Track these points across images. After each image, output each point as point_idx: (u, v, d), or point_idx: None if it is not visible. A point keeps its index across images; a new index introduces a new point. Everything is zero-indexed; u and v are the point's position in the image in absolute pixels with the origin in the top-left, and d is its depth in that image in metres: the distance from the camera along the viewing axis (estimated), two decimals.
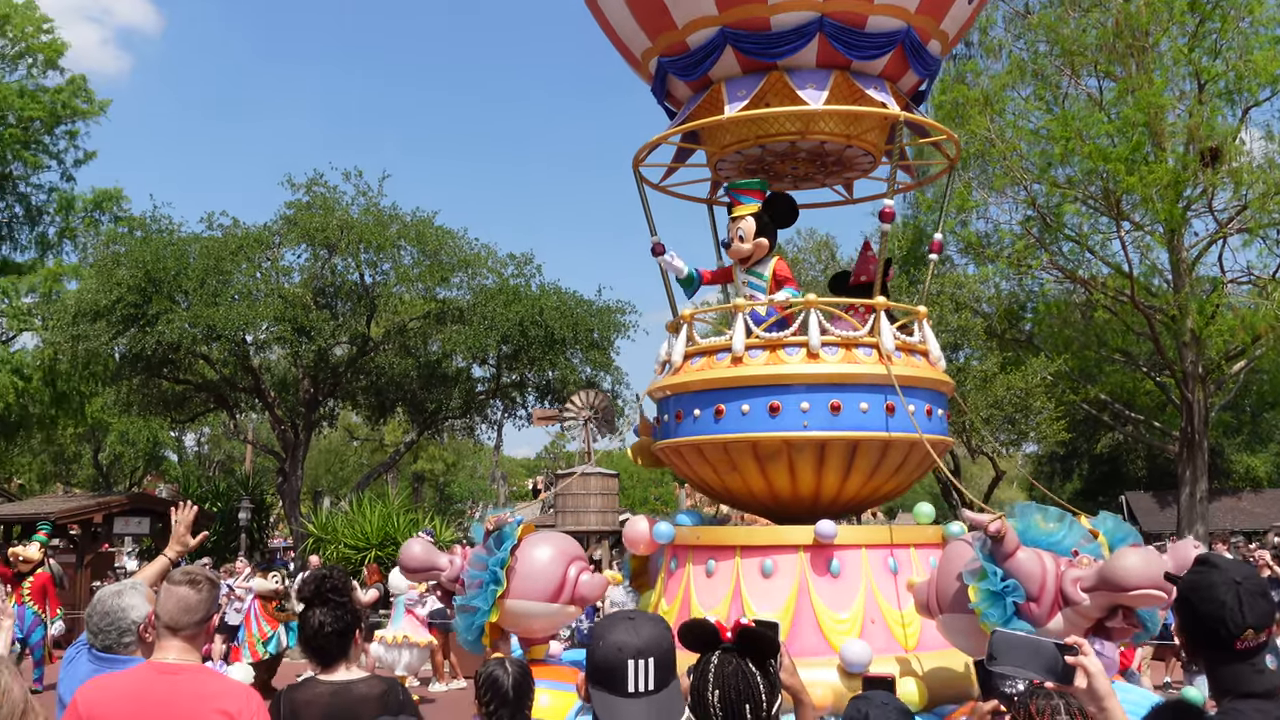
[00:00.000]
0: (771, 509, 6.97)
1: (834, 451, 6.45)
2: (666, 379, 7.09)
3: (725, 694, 2.84)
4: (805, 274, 30.11)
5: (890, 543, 6.48)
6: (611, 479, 30.48)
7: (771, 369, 6.55)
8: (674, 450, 7.01)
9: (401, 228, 30.83)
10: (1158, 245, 26.89)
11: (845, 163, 7.40)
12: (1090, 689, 2.57)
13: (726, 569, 6.53)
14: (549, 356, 31.59)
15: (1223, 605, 2.62)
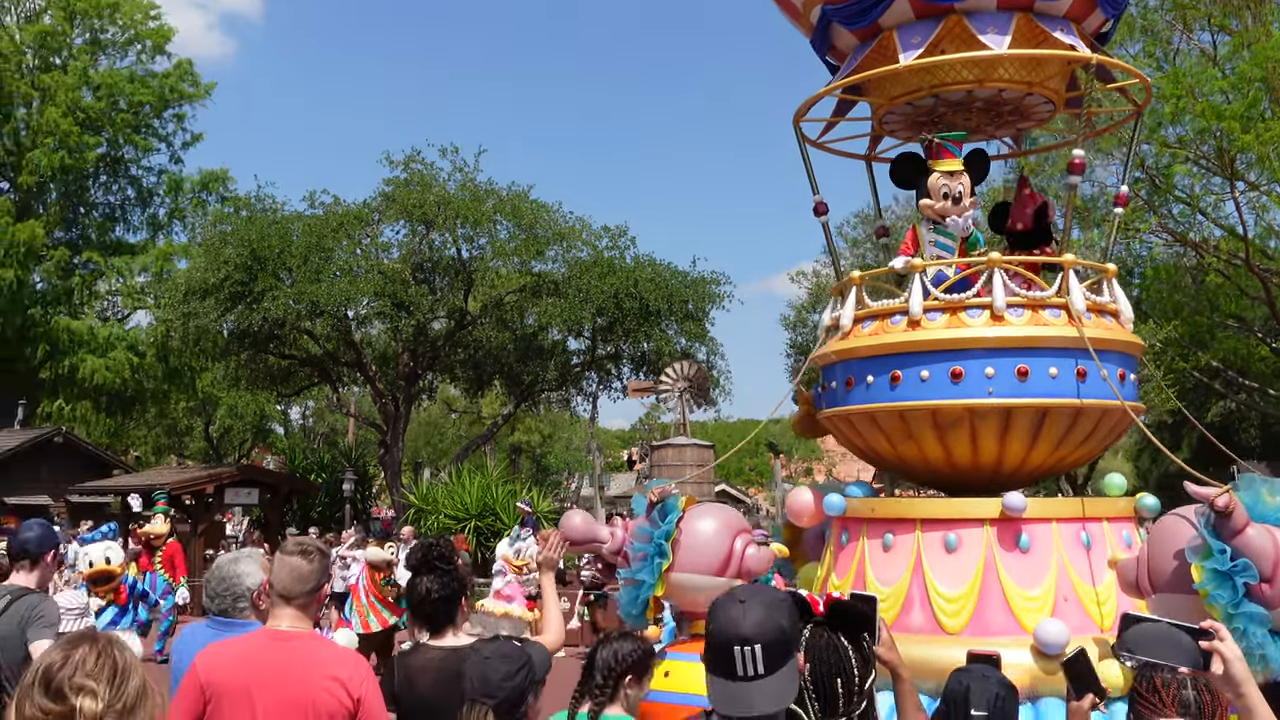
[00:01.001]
0: (947, 479, 6.54)
1: (1020, 419, 5.99)
2: (835, 344, 6.68)
3: (816, 667, 2.81)
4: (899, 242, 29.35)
5: (1082, 516, 6.02)
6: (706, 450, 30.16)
7: (953, 332, 6.10)
8: (843, 419, 6.60)
9: (497, 202, 30.73)
10: (1275, 206, 25.75)
11: (1022, 112, 6.88)
12: (1227, 675, 2.47)
13: (906, 543, 6.12)
14: (643, 328, 31.33)
15: None
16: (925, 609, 5.97)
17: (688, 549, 6.39)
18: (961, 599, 5.88)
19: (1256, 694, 2.46)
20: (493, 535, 25.39)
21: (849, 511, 6.44)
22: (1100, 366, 5.95)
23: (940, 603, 5.92)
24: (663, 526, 6.41)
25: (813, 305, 30.66)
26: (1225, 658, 2.51)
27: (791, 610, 2.78)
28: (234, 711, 3.68)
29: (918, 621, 5.98)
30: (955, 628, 5.87)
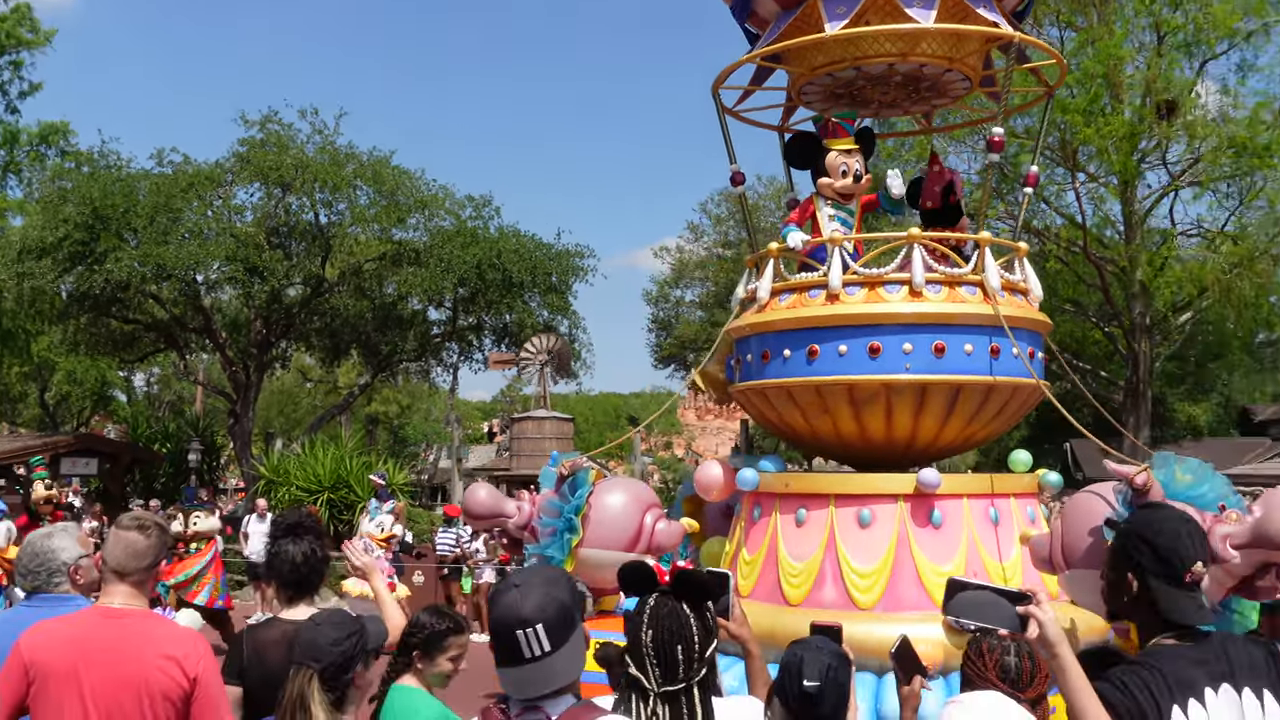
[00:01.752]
0: (859, 455, 6.48)
1: (935, 396, 5.97)
2: (751, 317, 6.54)
3: (658, 634, 2.83)
4: (765, 219, 29.63)
5: (991, 492, 6.04)
6: (567, 423, 30.02)
7: (872, 307, 6.03)
8: (757, 392, 6.48)
9: (358, 167, 29.79)
10: (1111, 197, 26.84)
11: (939, 88, 6.85)
12: (1042, 637, 2.57)
13: (819, 518, 6.05)
14: (506, 300, 30.88)
15: (1178, 538, 2.79)
16: (838, 584, 5.91)
17: (597, 524, 6.22)
18: (874, 574, 5.84)
19: (1070, 655, 2.54)
20: (346, 508, 24.73)
21: (762, 486, 6.34)
22: (1014, 344, 5.97)
23: (853, 578, 5.87)
24: (573, 501, 6.22)
25: (675, 281, 30.77)
26: (1040, 621, 2.59)
27: (570, 584, 2.91)
28: (60, 692, 3.52)
29: (830, 597, 5.92)
30: (868, 603, 5.83)
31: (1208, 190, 25.73)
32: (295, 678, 3.44)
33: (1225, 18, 23.84)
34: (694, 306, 30.62)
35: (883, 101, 6.96)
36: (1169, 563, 2.79)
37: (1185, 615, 2.79)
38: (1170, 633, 2.78)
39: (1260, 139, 24.04)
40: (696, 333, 29.48)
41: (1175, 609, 2.78)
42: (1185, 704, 2.62)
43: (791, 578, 6.02)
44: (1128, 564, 2.87)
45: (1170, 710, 2.60)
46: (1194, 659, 2.70)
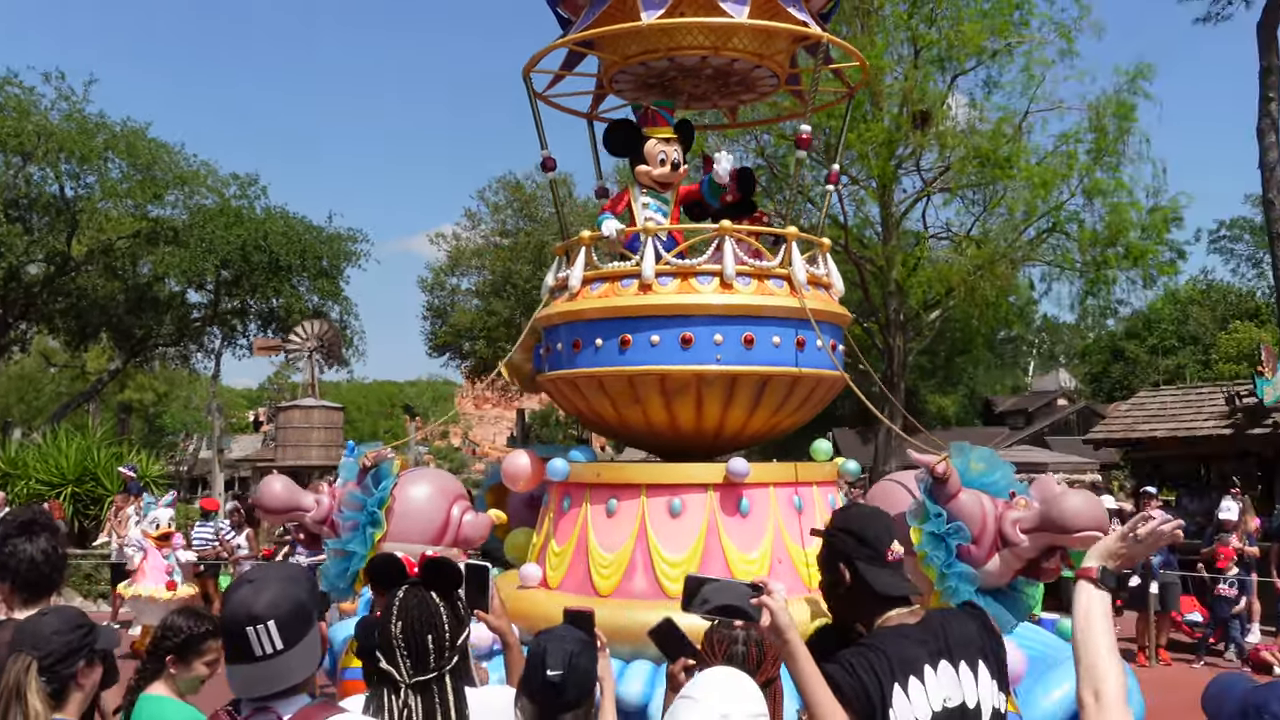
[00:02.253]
0: (667, 444, 6.49)
1: (744, 386, 6.04)
2: (562, 305, 6.44)
3: (408, 625, 2.86)
4: (543, 210, 29.53)
5: (795, 480, 6.17)
6: (337, 412, 29.09)
7: (684, 298, 6.03)
8: (567, 382, 6.38)
9: (110, 138, 27.95)
10: (871, 200, 28.10)
11: (749, 83, 6.92)
12: (773, 625, 2.64)
13: (630, 509, 6.01)
14: (273, 283, 29.70)
15: (873, 524, 3.07)
16: (649, 574, 5.90)
17: (402, 516, 5.99)
18: (684, 564, 5.84)
19: (798, 642, 2.65)
20: (92, 502, 23.12)
21: (572, 476, 6.25)
22: (819, 337, 6.10)
23: (664, 567, 5.87)
24: (376, 493, 5.96)
25: (451, 268, 30.23)
26: (771, 609, 2.67)
27: (310, 582, 2.91)
28: None
29: (641, 587, 5.91)
30: (678, 592, 5.81)
31: (956, 196, 27.34)
32: (12, 665, 3.21)
33: (974, 36, 25.31)
34: (470, 294, 30.23)
35: (693, 94, 6.99)
36: (872, 546, 3.01)
37: (895, 588, 2.98)
38: (890, 611, 2.95)
39: (1002, 151, 25.67)
40: (473, 321, 29.11)
41: (884, 584, 2.97)
42: (906, 682, 2.75)
43: (602, 569, 5.97)
44: (838, 558, 3.06)
45: (892, 689, 2.73)
46: (916, 639, 2.85)
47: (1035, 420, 32.65)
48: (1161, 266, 25.51)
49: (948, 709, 2.79)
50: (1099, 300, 27.08)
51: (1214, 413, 18.42)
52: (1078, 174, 25.32)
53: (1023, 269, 27.27)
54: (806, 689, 2.67)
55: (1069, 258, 26.59)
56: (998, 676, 2.95)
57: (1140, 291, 26.76)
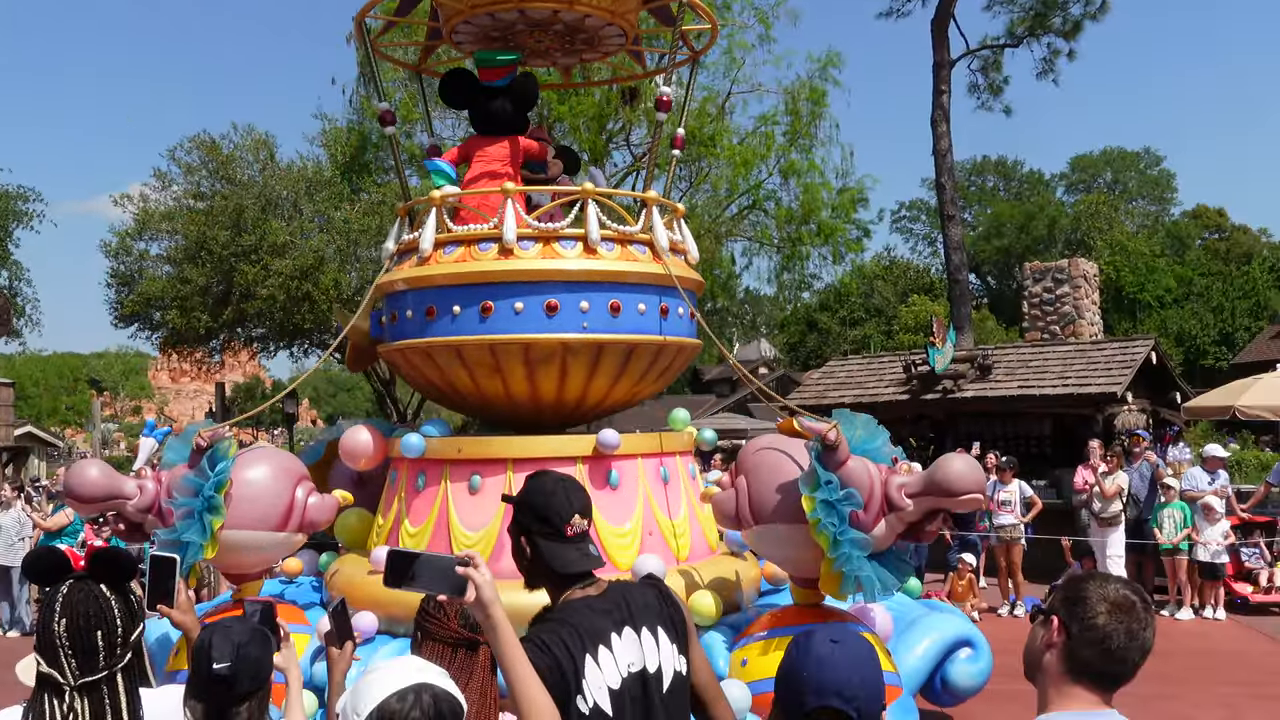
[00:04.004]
0: (523, 416, 6.08)
1: (610, 355, 5.75)
2: (411, 270, 5.87)
3: (73, 621, 2.68)
4: (243, 173, 27.53)
5: (660, 451, 5.95)
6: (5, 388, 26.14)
7: (549, 263, 5.65)
8: (418, 351, 5.84)
9: None
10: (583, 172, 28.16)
11: (595, 41, 6.56)
12: (479, 599, 2.60)
13: (495, 485, 5.59)
14: None
15: (552, 496, 2.95)
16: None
17: (242, 501, 5.32)
18: None
19: (501, 616, 2.59)
20: None
21: (428, 453, 5.75)
22: (685, 304, 5.91)
23: None
24: (213, 476, 5.25)
25: (138, 232, 27.54)
26: (477, 583, 2.60)
27: None
28: None
29: (511, 566, 5.48)
30: None
31: (664, 172, 27.83)
32: None
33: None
34: (161, 260, 27.69)
35: (535, 49, 6.58)
36: (549, 520, 2.93)
37: (572, 564, 2.91)
38: (573, 586, 2.91)
39: (707, 130, 26.38)
40: (164, 289, 26.71)
41: (560, 560, 2.90)
42: (596, 652, 2.77)
43: (466, 547, 5.52)
44: (519, 531, 2.98)
45: (584, 660, 2.75)
46: (600, 609, 2.85)
47: (739, 388, 33.98)
48: (850, 244, 27.10)
49: (631, 674, 2.83)
50: (794, 274, 28.43)
51: (893, 380, 19.75)
52: (775, 154, 26.43)
53: (725, 243, 28.15)
54: (507, 665, 2.60)
55: (767, 234, 27.73)
56: (677, 641, 2.97)
57: (831, 266, 28.28)
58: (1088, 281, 21.40)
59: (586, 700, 2.74)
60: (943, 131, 23.95)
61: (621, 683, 2.80)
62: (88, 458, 5.53)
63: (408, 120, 27.23)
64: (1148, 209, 54.23)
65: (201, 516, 5.16)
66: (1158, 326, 38.21)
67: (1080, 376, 18.37)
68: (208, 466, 5.25)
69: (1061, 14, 24.21)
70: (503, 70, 6.39)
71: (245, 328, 27.75)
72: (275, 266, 24.92)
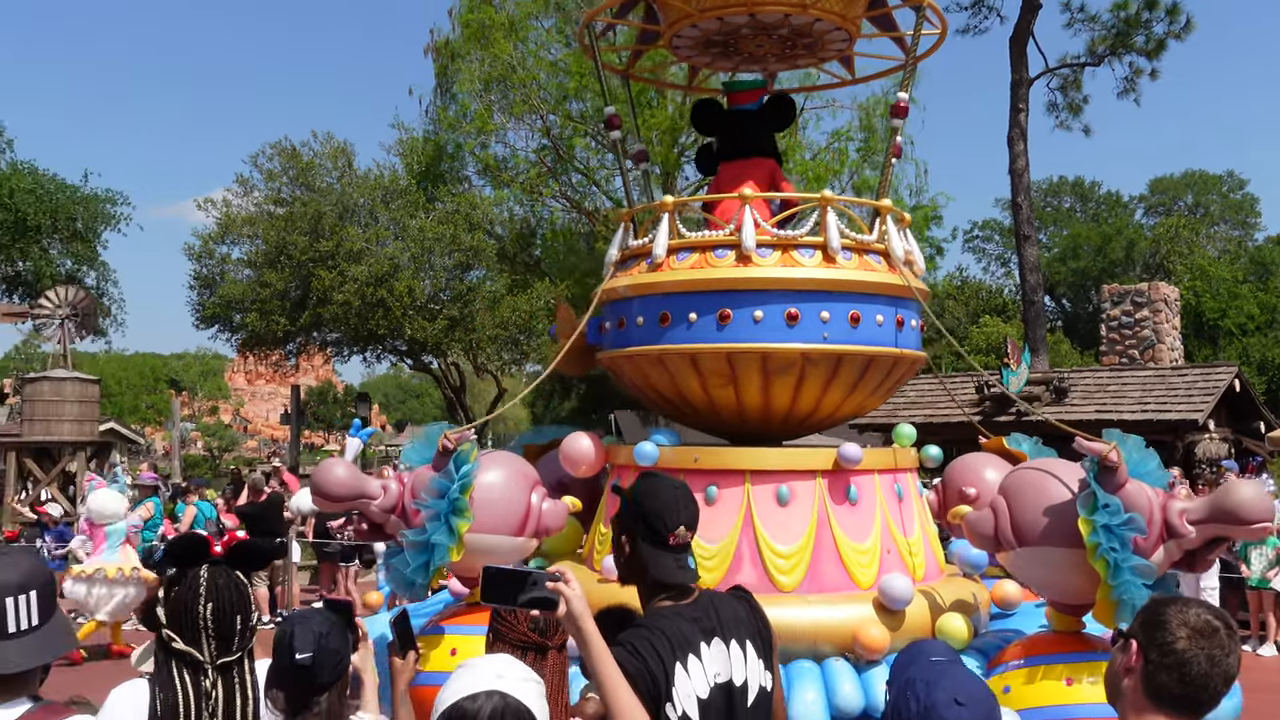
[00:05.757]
0: (749, 428, 5.80)
1: (848, 367, 5.45)
2: (644, 276, 5.61)
3: (219, 604, 2.78)
4: (322, 180, 27.52)
5: (895, 467, 5.65)
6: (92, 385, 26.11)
7: (789, 271, 5.37)
8: (649, 359, 5.58)
9: None
10: (654, 186, 27.91)
11: (818, 45, 6.27)
12: (569, 613, 2.57)
13: (733, 496, 5.30)
14: (19, 245, 26.29)
15: (663, 503, 2.89)
16: (757, 566, 5.23)
17: (483, 505, 5.06)
18: (796, 555, 5.23)
19: (593, 629, 2.56)
20: None
21: (662, 462, 5.47)
22: (927, 315, 5.65)
23: (774, 560, 5.22)
24: (457, 479, 5.01)
25: (221, 236, 27.55)
26: (568, 597, 2.56)
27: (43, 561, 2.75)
28: None
29: (749, 579, 5.20)
30: (790, 585, 5.21)
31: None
32: None
33: None
34: (241, 264, 27.73)
35: (753, 55, 6.31)
36: (654, 527, 2.86)
37: (669, 575, 2.85)
38: (664, 594, 2.86)
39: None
40: (244, 292, 26.73)
41: (659, 568, 2.85)
42: (686, 661, 2.72)
43: (704, 560, 5.23)
44: (622, 528, 2.95)
45: (674, 668, 2.70)
46: (689, 617, 2.80)
47: None
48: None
49: (718, 684, 2.77)
50: None
51: (965, 401, 19.33)
52: (848, 170, 26.08)
53: None
54: (600, 675, 2.56)
55: None
56: (764, 656, 2.92)
57: None
58: (1168, 306, 20.96)
59: (676, 708, 2.68)
60: (1020, 150, 23.57)
61: (709, 692, 2.74)
62: (335, 457, 5.28)
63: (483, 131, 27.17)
64: (1230, 234, 52.64)
65: (447, 519, 4.92)
66: (1239, 354, 36.96)
67: (1160, 402, 17.93)
68: (453, 469, 5.01)
69: (1144, 32, 23.75)
70: (753, 95, 6.23)
71: (320, 332, 27.72)
72: (351, 272, 24.88)
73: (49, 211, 25.95)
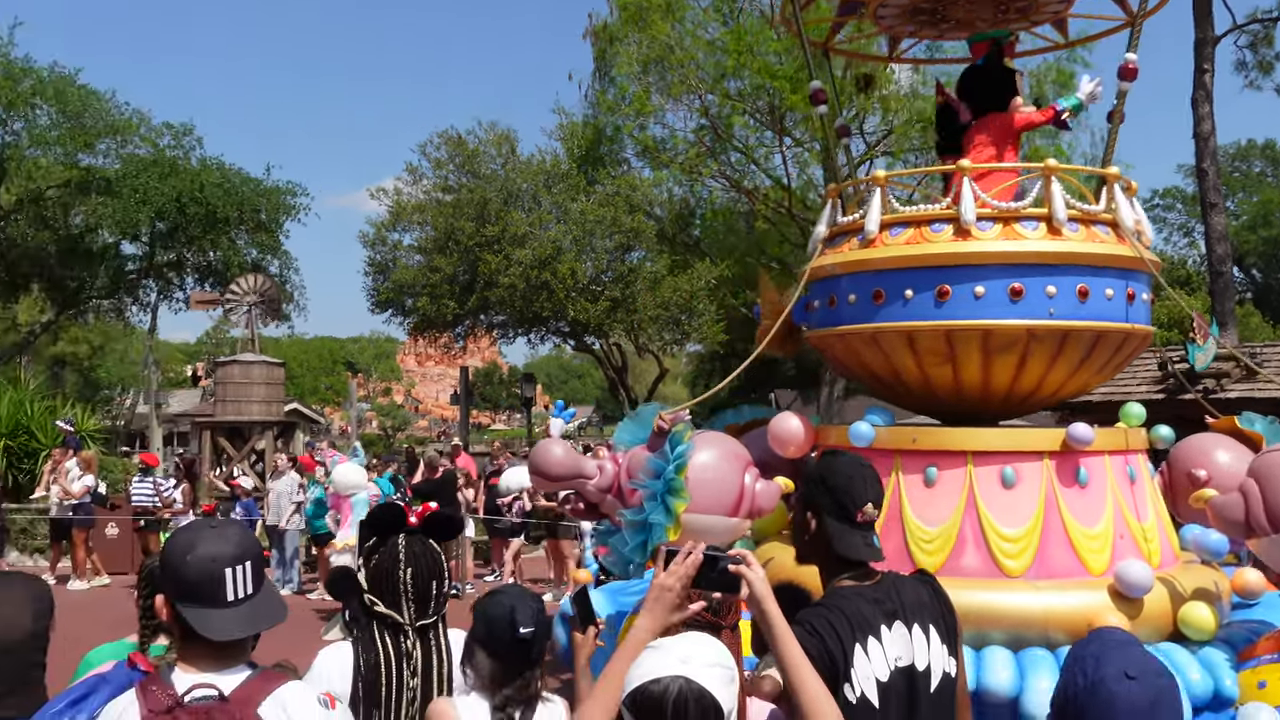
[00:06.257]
0: (965, 407, 5.57)
1: (1075, 344, 5.16)
2: (857, 253, 5.43)
3: (418, 571, 2.95)
4: (486, 166, 27.98)
5: (1126, 448, 5.34)
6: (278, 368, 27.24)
7: (1012, 245, 5.11)
8: (863, 337, 5.40)
9: (36, 83, 25.38)
10: (814, 162, 27.41)
11: (1032, 8, 5.96)
12: (752, 595, 2.54)
13: (954, 478, 5.09)
14: (210, 236, 27.54)
15: (850, 479, 2.83)
16: (981, 550, 5.01)
17: (697, 485, 4.97)
18: (1023, 539, 4.98)
19: (776, 611, 2.52)
20: (26, 456, 21.12)
21: (877, 442, 5.29)
22: (1159, 288, 5.30)
23: (1000, 543, 4.99)
24: (673, 459, 4.92)
25: (393, 223, 28.35)
26: (750, 580, 2.53)
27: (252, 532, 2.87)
28: None
29: (973, 564, 5.01)
30: (1017, 569, 4.97)
31: (899, 160, 26.81)
32: None
33: None
34: (412, 250, 28.47)
35: (961, 20, 6.02)
36: (841, 503, 2.80)
37: (855, 551, 2.79)
38: (847, 573, 2.80)
39: None
40: (415, 277, 27.45)
41: (844, 545, 2.79)
42: (866, 642, 2.66)
43: (924, 544, 5.05)
44: (806, 505, 2.90)
45: (853, 649, 2.64)
46: (870, 598, 2.74)
47: None
48: None
49: (899, 668, 2.70)
50: None
51: (1147, 378, 18.32)
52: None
53: None
54: (784, 656, 2.51)
55: None
56: (948, 642, 2.84)
57: None
58: None
59: (854, 689, 2.62)
60: (1205, 113, 22.16)
61: (889, 676, 2.68)
62: (551, 438, 5.26)
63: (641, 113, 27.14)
64: None
65: (664, 499, 4.86)
66: None
67: None
68: (668, 449, 4.94)
69: None
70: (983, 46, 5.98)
71: (487, 314, 28.26)
72: (516, 256, 25.22)
73: (236, 204, 27.09)
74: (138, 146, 27.05)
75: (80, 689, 3.10)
